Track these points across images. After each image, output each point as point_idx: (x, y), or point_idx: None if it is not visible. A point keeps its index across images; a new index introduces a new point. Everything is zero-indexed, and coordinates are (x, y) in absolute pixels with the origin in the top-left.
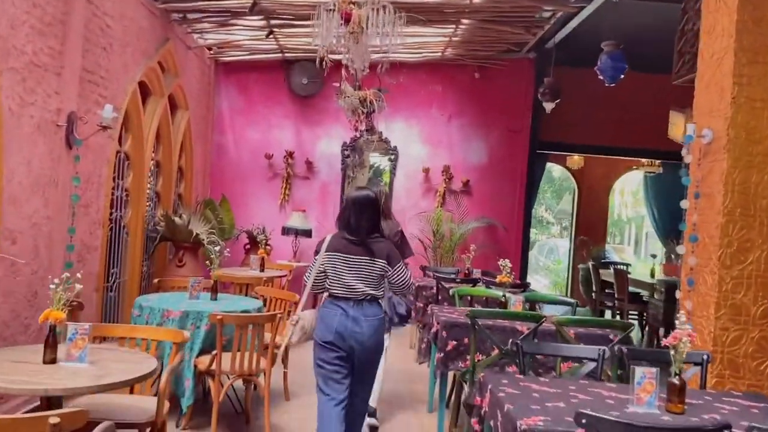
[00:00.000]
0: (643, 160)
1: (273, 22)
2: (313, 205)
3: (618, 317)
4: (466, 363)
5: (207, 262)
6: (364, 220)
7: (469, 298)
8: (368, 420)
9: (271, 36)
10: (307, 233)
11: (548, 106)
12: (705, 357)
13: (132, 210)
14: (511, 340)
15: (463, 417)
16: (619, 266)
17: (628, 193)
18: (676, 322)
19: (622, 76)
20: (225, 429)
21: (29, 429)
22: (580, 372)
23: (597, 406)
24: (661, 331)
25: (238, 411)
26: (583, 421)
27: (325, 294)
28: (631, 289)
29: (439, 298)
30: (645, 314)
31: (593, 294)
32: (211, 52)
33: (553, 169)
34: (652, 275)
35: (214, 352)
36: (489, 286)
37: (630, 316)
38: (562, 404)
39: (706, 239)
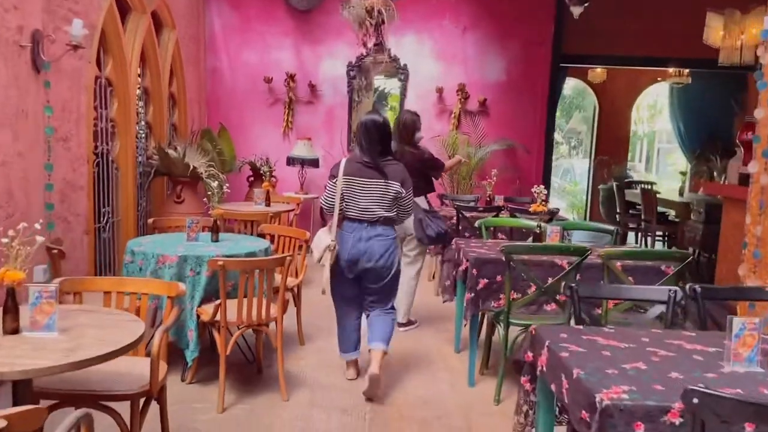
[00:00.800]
0: (670, 70)
1: None
2: (319, 133)
3: (644, 240)
4: (499, 302)
5: (204, 199)
6: (376, 144)
7: (491, 228)
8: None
9: None
10: (314, 163)
11: (576, 11)
12: None
13: (120, 142)
14: (563, 283)
15: (497, 356)
16: (645, 186)
17: (645, 107)
18: None
19: None
20: (235, 380)
21: None
22: (646, 317)
23: (685, 367)
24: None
25: (249, 360)
26: (695, 400)
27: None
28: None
29: (460, 228)
30: (672, 236)
31: (617, 216)
32: None
33: (564, 86)
34: (681, 194)
35: (217, 302)
36: (514, 214)
37: (655, 238)
38: (642, 365)
39: None
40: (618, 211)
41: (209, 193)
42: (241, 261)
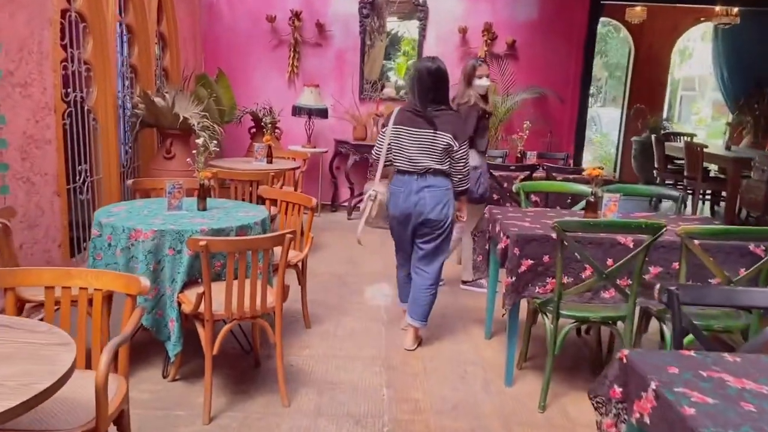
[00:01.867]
0: (717, 8)
1: None
2: (327, 79)
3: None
4: (545, 288)
5: (188, 159)
6: (428, 91)
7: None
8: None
9: None
10: (322, 113)
11: None
12: None
13: (98, 89)
14: (658, 286)
15: (536, 345)
16: (688, 138)
17: (675, 51)
18: None
19: None
20: (228, 377)
21: None
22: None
23: None
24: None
25: (245, 349)
26: None
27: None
28: None
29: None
30: (715, 194)
31: (654, 171)
32: None
33: None
34: (728, 147)
35: (200, 291)
36: (551, 175)
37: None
38: None
39: None
40: (656, 166)
41: (194, 151)
42: (228, 241)
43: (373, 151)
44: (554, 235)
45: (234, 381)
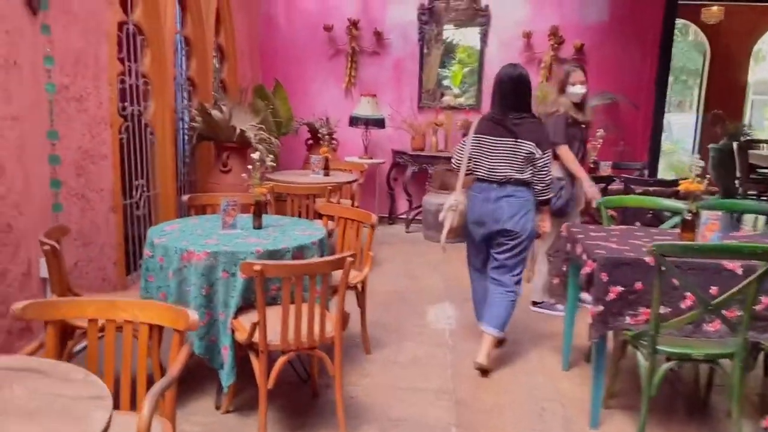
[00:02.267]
0: None
1: None
2: (385, 88)
3: None
4: (637, 319)
5: (243, 174)
6: (509, 98)
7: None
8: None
9: None
10: (380, 123)
11: None
12: None
13: (155, 102)
14: None
15: (626, 379)
16: None
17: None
18: None
19: None
20: (284, 408)
21: None
22: None
23: None
24: None
25: (302, 378)
26: None
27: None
28: None
29: None
30: None
31: (736, 181)
32: None
33: None
34: None
35: (255, 318)
36: (630, 187)
37: None
38: None
39: None
40: (738, 176)
41: (248, 166)
42: (284, 265)
43: (452, 161)
44: (649, 260)
45: (290, 413)
